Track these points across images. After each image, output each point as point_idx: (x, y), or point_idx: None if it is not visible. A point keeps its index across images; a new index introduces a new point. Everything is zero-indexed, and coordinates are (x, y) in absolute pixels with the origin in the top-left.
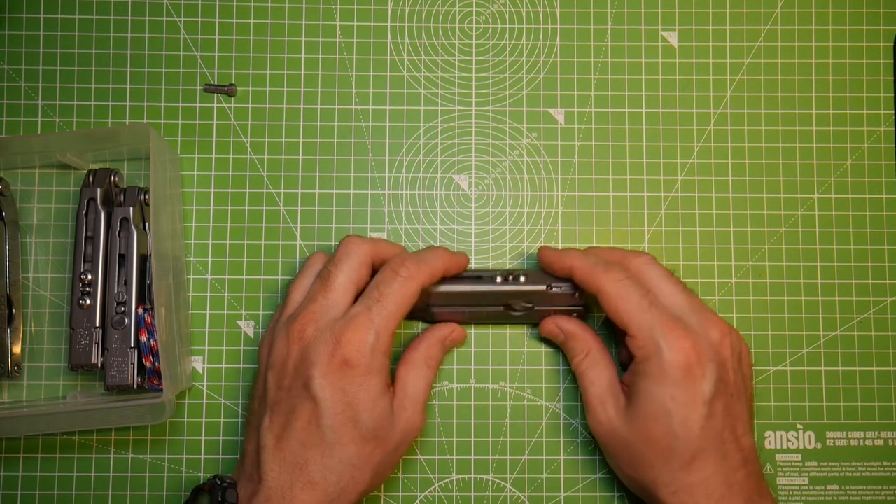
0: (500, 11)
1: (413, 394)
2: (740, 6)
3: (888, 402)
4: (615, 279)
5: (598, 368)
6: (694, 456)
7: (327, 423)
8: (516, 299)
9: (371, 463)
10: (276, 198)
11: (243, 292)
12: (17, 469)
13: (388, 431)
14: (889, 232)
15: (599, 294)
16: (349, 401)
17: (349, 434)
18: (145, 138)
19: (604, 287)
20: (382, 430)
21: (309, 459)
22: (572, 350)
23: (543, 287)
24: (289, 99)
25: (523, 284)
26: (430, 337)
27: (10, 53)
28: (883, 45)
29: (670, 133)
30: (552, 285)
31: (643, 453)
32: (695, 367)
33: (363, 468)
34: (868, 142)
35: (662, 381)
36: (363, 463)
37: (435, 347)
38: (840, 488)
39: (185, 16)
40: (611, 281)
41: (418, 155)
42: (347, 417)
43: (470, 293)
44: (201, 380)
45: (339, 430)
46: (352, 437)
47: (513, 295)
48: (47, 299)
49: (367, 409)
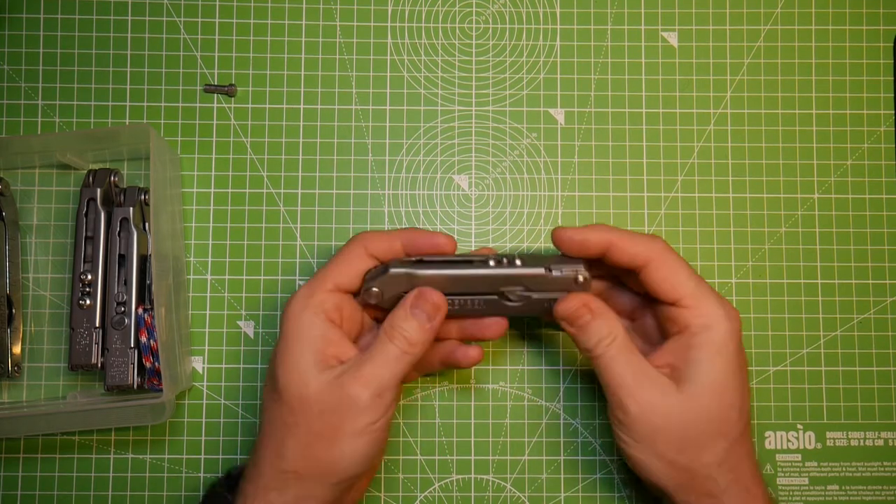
0: (500, 11)
1: (354, 363)
2: (740, 6)
3: (888, 402)
4: (664, 248)
5: (630, 353)
6: (745, 426)
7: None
8: (512, 286)
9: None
10: (276, 198)
11: (243, 292)
12: (17, 469)
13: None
14: (889, 232)
15: (650, 263)
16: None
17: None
18: (145, 138)
19: (657, 255)
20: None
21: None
22: (597, 334)
23: (542, 270)
24: (289, 99)
25: (519, 268)
26: (397, 307)
27: (10, 53)
28: (883, 45)
29: (670, 133)
30: (551, 267)
31: (701, 431)
32: (741, 335)
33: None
34: (868, 142)
35: (723, 351)
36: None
37: (398, 317)
38: (840, 488)
39: (185, 16)
40: (662, 249)
41: (418, 155)
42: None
43: (459, 278)
44: (201, 380)
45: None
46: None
47: (508, 280)
48: (47, 299)
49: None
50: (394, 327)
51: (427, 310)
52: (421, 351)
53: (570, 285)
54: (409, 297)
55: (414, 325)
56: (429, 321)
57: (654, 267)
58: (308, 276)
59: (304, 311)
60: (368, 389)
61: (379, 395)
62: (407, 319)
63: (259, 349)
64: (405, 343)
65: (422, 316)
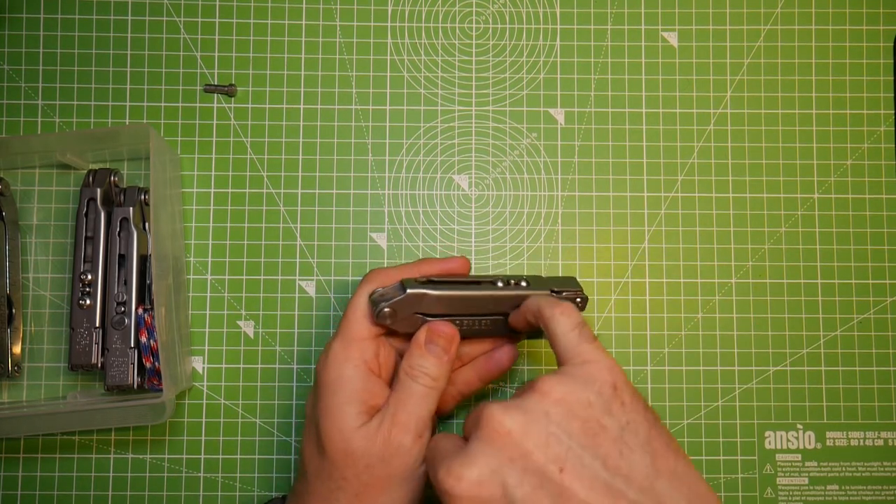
0: (500, 11)
1: (390, 411)
2: (740, 6)
3: (888, 402)
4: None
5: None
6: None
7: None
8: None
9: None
10: (276, 198)
11: (243, 292)
12: (17, 469)
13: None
14: (889, 232)
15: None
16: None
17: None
18: (145, 138)
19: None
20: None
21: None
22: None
23: (547, 292)
24: (289, 99)
25: (525, 289)
26: (411, 346)
27: (10, 53)
28: (883, 45)
29: (670, 133)
30: (554, 290)
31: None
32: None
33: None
34: (868, 142)
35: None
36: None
37: (415, 356)
38: (840, 488)
39: (185, 16)
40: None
41: (418, 155)
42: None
43: (468, 299)
44: (201, 380)
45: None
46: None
47: (515, 301)
48: (47, 299)
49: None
50: (413, 367)
51: (441, 344)
52: (444, 383)
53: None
54: (421, 335)
55: (432, 360)
56: (445, 353)
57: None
58: (308, 276)
59: (346, 364)
60: (410, 434)
61: (420, 436)
62: (424, 357)
63: (259, 349)
64: (428, 380)
65: (437, 350)
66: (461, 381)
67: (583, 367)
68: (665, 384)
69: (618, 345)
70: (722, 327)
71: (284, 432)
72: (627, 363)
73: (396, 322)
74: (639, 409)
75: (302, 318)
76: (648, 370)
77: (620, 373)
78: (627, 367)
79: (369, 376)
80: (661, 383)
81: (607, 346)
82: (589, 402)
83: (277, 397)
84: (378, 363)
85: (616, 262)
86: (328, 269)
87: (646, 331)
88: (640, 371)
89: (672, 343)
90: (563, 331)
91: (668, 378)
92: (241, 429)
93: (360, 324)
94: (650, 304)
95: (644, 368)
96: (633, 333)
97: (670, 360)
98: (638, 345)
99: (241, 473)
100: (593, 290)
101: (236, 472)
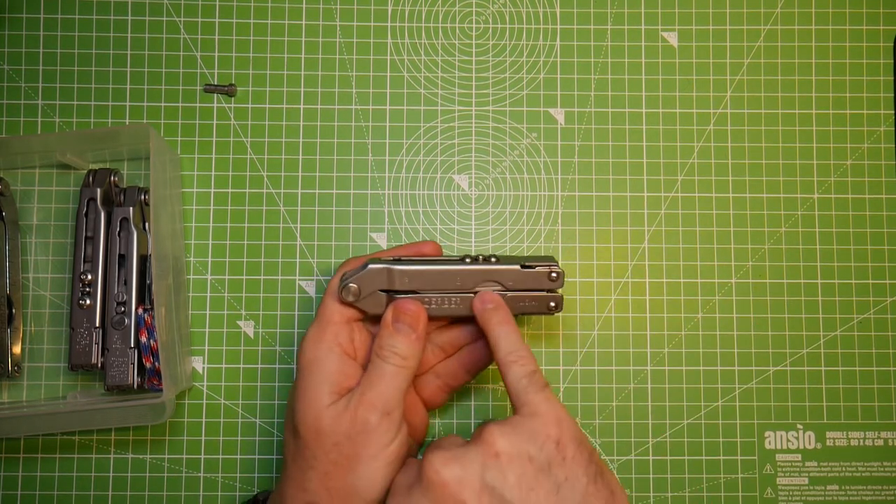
0: (500, 11)
1: (359, 390)
2: (740, 6)
3: (888, 402)
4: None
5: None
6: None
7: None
8: (488, 283)
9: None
10: (276, 198)
11: (243, 292)
12: (17, 469)
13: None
14: (889, 232)
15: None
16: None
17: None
18: (145, 138)
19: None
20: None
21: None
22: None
23: (517, 266)
24: (289, 99)
25: (495, 264)
26: (381, 328)
27: (10, 53)
28: (883, 45)
29: (670, 133)
30: (526, 264)
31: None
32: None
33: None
34: (868, 142)
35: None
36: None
37: (384, 336)
38: (840, 488)
39: (185, 16)
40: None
41: (418, 155)
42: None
43: (435, 273)
44: (201, 380)
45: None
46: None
47: (484, 276)
48: (47, 299)
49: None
50: (382, 347)
51: (408, 321)
52: (415, 363)
53: (544, 281)
54: (388, 315)
55: (400, 339)
56: (412, 331)
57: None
58: (308, 277)
59: (320, 345)
60: (375, 411)
61: (387, 414)
62: (392, 336)
63: (259, 349)
64: (398, 359)
65: (405, 328)
66: (447, 374)
67: (530, 420)
68: (665, 384)
69: (618, 345)
70: (722, 327)
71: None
72: (627, 363)
73: (363, 301)
74: (580, 463)
75: (302, 318)
76: (648, 370)
77: (569, 425)
78: (627, 367)
79: (343, 358)
80: (661, 383)
81: (607, 345)
82: (529, 457)
83: (277, 397)
84: (353, 347)
85: (616, 262)
86: (328, 269)
87: (646, 331)
88: (640, 371)
89: (672, 343)
90: (513, 378)
91: (668, 378)
92: (241, 429)
93: (333, 307)
94: (650, 304)
95: (644, 368)
96: (633, 333)
97: (670, 360)
98: (638, 345)
99: (241, 473)
100: (593, 291)
101: (236, 472)
